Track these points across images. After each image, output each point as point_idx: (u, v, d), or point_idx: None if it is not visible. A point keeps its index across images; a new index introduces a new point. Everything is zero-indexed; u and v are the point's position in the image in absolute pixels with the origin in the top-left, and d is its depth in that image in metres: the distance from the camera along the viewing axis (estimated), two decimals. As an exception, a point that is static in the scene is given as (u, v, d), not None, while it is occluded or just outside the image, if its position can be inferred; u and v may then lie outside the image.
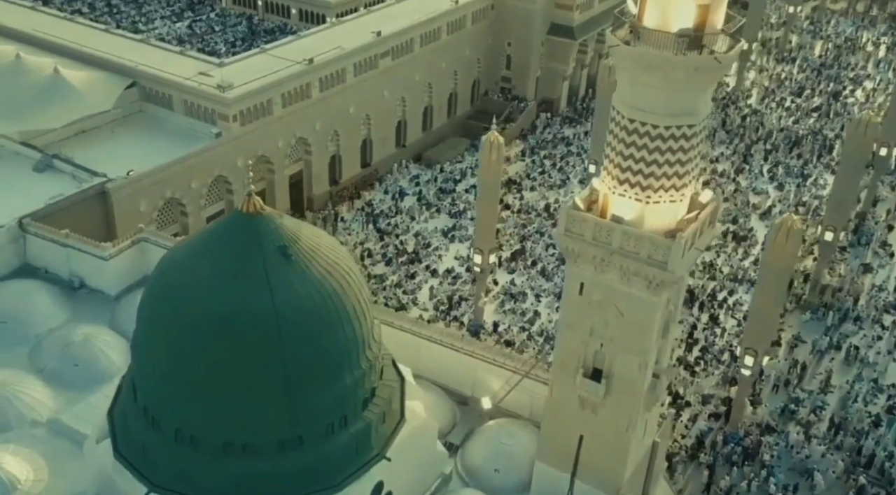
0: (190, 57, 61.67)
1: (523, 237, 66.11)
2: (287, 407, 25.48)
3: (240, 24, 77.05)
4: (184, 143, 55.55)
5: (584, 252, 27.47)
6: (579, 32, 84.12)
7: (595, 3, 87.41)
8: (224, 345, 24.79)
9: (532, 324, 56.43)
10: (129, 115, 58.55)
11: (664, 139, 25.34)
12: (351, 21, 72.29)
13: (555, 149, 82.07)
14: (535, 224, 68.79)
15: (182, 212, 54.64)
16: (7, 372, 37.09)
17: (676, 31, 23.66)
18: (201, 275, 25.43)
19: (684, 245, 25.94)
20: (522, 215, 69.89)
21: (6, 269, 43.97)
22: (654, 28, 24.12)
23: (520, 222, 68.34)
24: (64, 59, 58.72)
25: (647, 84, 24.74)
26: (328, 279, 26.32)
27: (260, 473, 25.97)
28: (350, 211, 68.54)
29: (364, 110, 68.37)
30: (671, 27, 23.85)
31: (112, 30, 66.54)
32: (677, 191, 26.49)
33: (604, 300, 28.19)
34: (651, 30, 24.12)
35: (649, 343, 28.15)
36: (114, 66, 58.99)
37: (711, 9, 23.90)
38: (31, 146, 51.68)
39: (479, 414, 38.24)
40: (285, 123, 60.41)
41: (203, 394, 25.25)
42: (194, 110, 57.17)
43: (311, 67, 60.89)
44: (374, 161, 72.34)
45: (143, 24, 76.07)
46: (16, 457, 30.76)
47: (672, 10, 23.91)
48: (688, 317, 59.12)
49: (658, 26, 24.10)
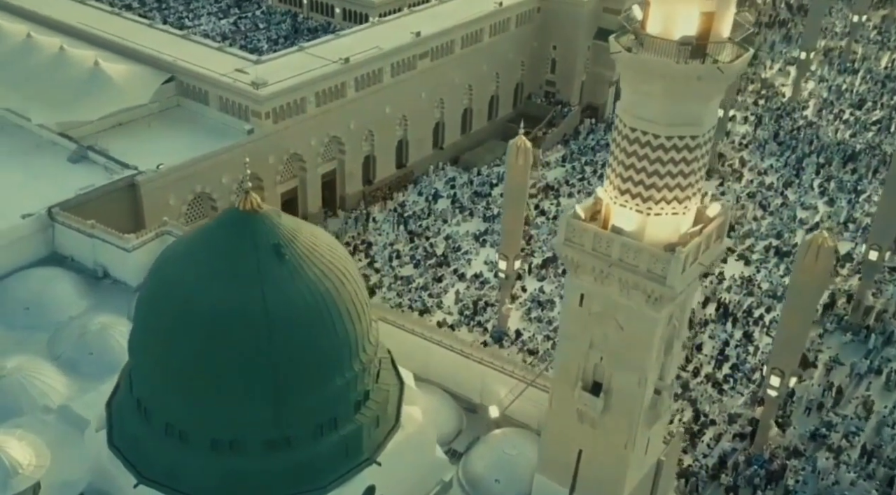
0: (228, 53, 62.93)
1: (556, 244, 65.51)
2: (274, 406, 25.78)
3: (284, 21, 78.35)
4: (217, 139, 56.69)
5: (584, 262, 27.11)
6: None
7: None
8: (213, 342, 25.22)
9: (557, 332, 55.85)
10: (166, 110, 60.04)
11: (665, 150, 24.86)
12: (392, 21, 72.80)
13: (596, 156, 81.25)
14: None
15: (212, 207, 55.70)
16: (25, 358, 38.26)
17: (678, 39, 23.20)
18: (194, 272, 25.94)
19: (684, 260, 25.36)
20: (558, 222, 69.25)
21: (34, 257, 45.45)
22: (657, 35, 23.69)
23: (554, 229, 67.79)
24: (106, 53, 60.52)
25: (649, 92, 24.31)
26: (323, 280, 26.55)
27: (246, 471, 26.34)
28: (382, 211, 68.96)
29: (401, 111, 68.72)
30: (674, 35, 23.39)
31: (155, 25, 68.35)
32: (679, 203, 25.94)
33: (604, 313, 27.77)
34: (653, 37, 23.70)
35: (649, 359, 27.60)
36: (153, 60, 60.57)
37: (717, 16, 23.35)
38: (68, 137, 53.37)
39: (487, 422, 38.03)
40: (319, 122, 61.13)
41: (192, 390, 25.73)
42: (229, 106, 58.29)
43: (346, 67, 61.50)
44: (410, 162, 72.64)
45: (190, 19, 77.94)
46: (20, 443, 31.61)
47: (675, 17, 23.44)
48: (720, 333, 57.96)
49: (661, 33, 23.67)
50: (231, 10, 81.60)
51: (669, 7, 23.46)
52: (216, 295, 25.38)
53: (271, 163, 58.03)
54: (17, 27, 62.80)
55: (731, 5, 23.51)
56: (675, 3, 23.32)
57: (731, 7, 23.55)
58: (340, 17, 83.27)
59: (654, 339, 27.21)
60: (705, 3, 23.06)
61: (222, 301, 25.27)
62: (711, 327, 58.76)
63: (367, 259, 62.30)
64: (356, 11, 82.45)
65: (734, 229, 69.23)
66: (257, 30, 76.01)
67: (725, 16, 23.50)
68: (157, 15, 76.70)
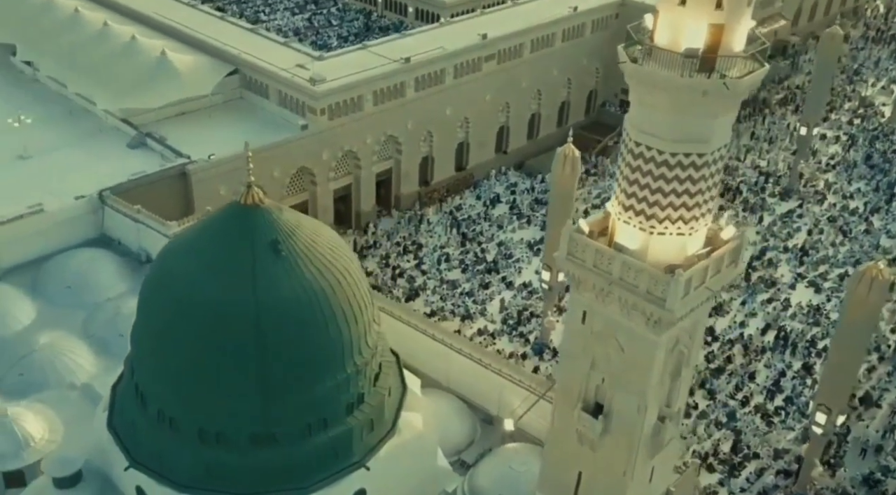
0: (292, 48, 64.48)
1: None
2: (261, 401, 26.25)
3: (357, 19, 79.68)
4: (273, 133, 58.21)
5: (586, 279, 26.53)
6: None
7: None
8: (204, 333, 25.90)
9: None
10: (229, 101, 62.04)
11: (670, 166, 24.06)
12: (460, 22, 73.02)
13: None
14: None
15: (262, 200, 57.02)
16: (60, 334, 40.30)
17: (683, 51, 22.43)
18: (192, 263, 26.72)
19: (684, 282, 24.47)
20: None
21: (83, 237, 47.75)
22: (664, 47, 22.96)
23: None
24: (175, 43, 63.00)
25: (654, 106, 23.60)
26: (319, 278, 26.86)
27: (231, 464, 26.89)
28: (437, 213, 69.25)
29: (462, 113, 68.83)
30: (681, 47, 22.63)
31: (227, 18, 70.61)
32: (685, 223, 25.04)
33: (605, 332, 27.09)
34: (660, 48, 22.98)
35: (648, 383, 26.74)
36: (219, 52, 62.67)
37: (727, 29, 22.43)
38: (130, 123, 55.76)
39: (502, 435, 37.76)
40: (376, 120, 61.87)
41: (182, 379, 26.50)
42: (287, 101, 59.73)
43: (406, 66, 62.04)
44: (470, 165, 72.66)
45: (266, 14, 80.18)
46: (36, 417, 33.45)
47: (682, 28, 22.66)
48: (778, 362, 55.73)
49: (668, 45, 22.93)
50: (308, 6, 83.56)
51: (676, 17, 22.70)
52: (210, 287, 26.04)
53: (325, 159, 59.11)
54: (96, 15, 66.10)
55: (744, 18, 22.54)
56: (681, 14, 22.56)
57: (744, 20, 22.57)
58: (413, 17, 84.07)
59: (653, 363, 26.35)
60: (713, 15, 22.20)
61: (215, 293, 25.92)
62: (768, 356, 56.56)
63: (416, 260, 62.69)
64: (428, 11, 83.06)
65: (808, 254, 66.44)
66: (330, 26, 77.62)
67: (737, 29, 22.55)
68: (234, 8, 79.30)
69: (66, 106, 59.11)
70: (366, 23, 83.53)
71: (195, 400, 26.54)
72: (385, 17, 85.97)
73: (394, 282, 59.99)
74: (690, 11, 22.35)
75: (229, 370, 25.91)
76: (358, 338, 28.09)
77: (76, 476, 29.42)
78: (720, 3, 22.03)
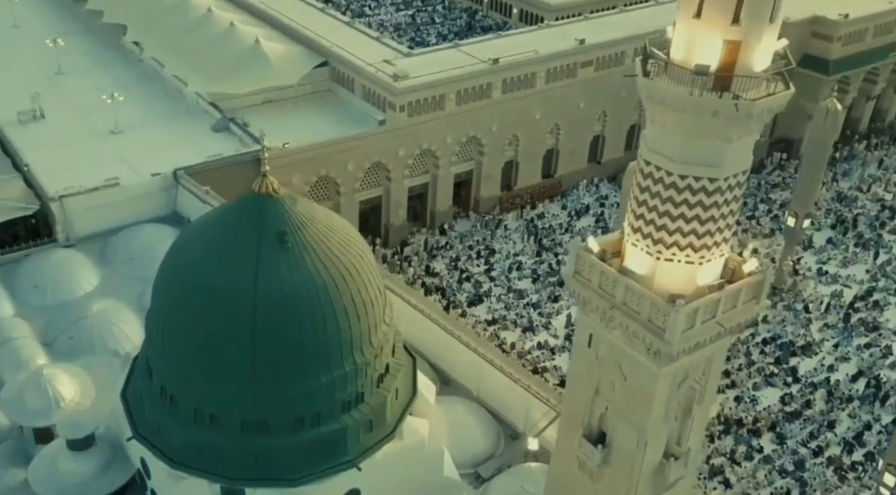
0: (383, 44, 65.61)
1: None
2: (251, 388, 26.95)
3: (460, 18, 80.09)
4: (353, 126, 59.51)
5: (591, 300, 25.75)
6: (836, 68, 76.58)
7: (868, 35, 78.98)
8: (203, 316, 26.93)
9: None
10: (316, 93, 63.91)
11: (678, 190, 22.96)
12: (561, 26, 72.18)
13: (778, 194, 75.76)
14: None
15: (336, 192, 58.53)
16: (114, 303, 42.66)
17: (693, 68, 21.35)
18: (201, 248, 27.85)
19: (685, 314, 23.30)
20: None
21: (156, 213, 50.35)
22: (678, 62, 21.95)
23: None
24: (272, 31, 65.50)
25: (665, 124, 22.59)
26: (323, 272, 27.29)
27: (222, 447, 27.78)
28: (517, 219, 68.70)
29: (553, 119, 67.99)
30: (694, 63, 21.56)
31: (327, 10, 72.57)
32: (695, 251, 23.85)
33: (610, 358, 26.20)
34: (673, 63, 22.00)
35: (648, 417, 25.63)
36: (311, 43, 64.58)
37: (745, 47, 21.15)
38: (217, 107, 58.33)
39: (524, 453, 37.15)
40: (458, 120, 62.04)
41: (181, 359, 27.64)
42: (370, 96, 60.86)
43: (494, 67, 61.91)
44: (559, 173, 71.70)
45: (371, 8, 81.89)
46: (71, 379, 35.52)
47: (695, 42, 21.57)
48: (864, 413, 52.16)
49: (682, 60, 21.88)
50: (414, 2, 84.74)
51: (691, 31, 21.65)
52: (214, 272, 26.97)
53: (401, 155, 59.84)
54: (203, 0, 69.41)
55: (766, 36, 21.18)
56: (696, 27, 21.48)
57: (765, 38, 21.22)
58: (517, 18, 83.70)
59: (654, 397, 25.25)
60: (729, 31, 21.00)
61: (218, 278, 26.80)
62: (855, 405, 53.03)
63: (486, 266, 62.47)
64: (533, 13, 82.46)
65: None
66: (432, 24, 78.41)
67: (757, 47, 21.22)
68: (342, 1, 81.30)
69: (163, 86, 62.51)
70: (469, 22, 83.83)
71: (192, 380, 27.56)
72: (489, 17, 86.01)
73: (459, 285, 60.03)
74: (705, 25, 21.28)
75: (224, 355, 26.75)
76: (360, 336, 28.33)
77: (88, 439, 31.20)
78: (737, 18, 20.87)
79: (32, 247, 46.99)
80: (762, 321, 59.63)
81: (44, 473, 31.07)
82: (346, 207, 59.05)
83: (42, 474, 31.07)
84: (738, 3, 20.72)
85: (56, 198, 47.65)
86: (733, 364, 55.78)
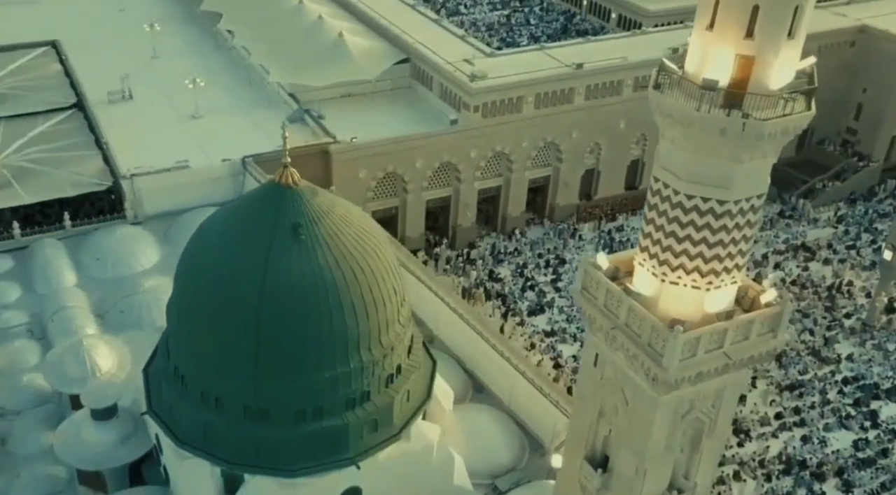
0: (467, 43, 65.75)
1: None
2: (253, 376, 27.67)
3: (557, 20, 79.28)
4: (428, 125, 59.93)
5: (596, 318, 25.15)
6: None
7: None
8: (213, 302, 27.91)
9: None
10: (397, 89, 64.74)
11: (685, 210, 22.11)
12: (657, 33, 70.33)
13: (883, 223, 71.51)
14: (805, 302, 61.34)
15: (403, 189, 59.13)
16: (167, 281, 44.29)
17: (701, 82, 20.50)
18: (218, 235, 28.85)
19: (684, 341, 22.41)
20: (794, 288, 62.58)
21: (223, 198, 51.80)
22: (690, 75, 21.16)
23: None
24: (359, 25, 66.83)
25: (673, 139, 21.84)
26: (333, 267, 27.70)
27: (225, 431, 28.67)
28: (594, 230, 67.51)
29: (640, 129, 66.43)
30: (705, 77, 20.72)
31: (418, 6, 73.30)
32: (701, 276, 22.90)
33: (614, 380, 25.54)
34: (685, 77, 21.21)
35: (647, 445, 24.80)
36: (395, 39, 65.41)
37: (759, 62, 20.13)
38: (295, 98, 60.02)
39: (548, 469, 36.56)
40: (535, 125, 61.50)
41: (193, 341, 28.81)
42: (447, 95, 61.15)
43: (577, 73, 61.08)
44: (643, 185, 69.91)
45: (466, 7, 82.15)
46: (111, 352, 37.46)
47: (708, 56, 20.72)
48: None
49: (693, 74, 21.09)
50: (511, 2, 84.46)
51: (704, 43, 20.82)
52: (226, 258, 27.84)
53: (473, 157, 59.83)
54: (298, -8, 71.59)
55: (783, 52, 20.06)
56: (708, 40, 20.64)
57: (784, 55, 20.10)
58: (615, 23, 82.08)
59: (653, 424, 24.42)
60: (742, 45, 20.05)
61: (229, 264, 27.65)
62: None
63: (553, 275, 61.69)
64: (631, 19, 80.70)
65: None
66: (526, 25, 77.93)
67: (772, 63, 20.15)
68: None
69: (248, 75, 64.78)
70: (565, 25, 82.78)
71: (201, 363, 28.55)
72: (587, 21, 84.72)
73: (522, 293, 59.53)
74: (717, 37, 20.48)
75: (230, 340, 27.58)
76: (368, 333, 28.56)
77: (111, 410, 32.85)
78: (751, 32, 19.92)
79: (102, 221, 49.63)
80: (846, 359, 56.59)
81: (67, 439, 32.89)
82: (413, 205, 59.59)
83: (66, 439, 32.90)
84: (752, 16, 19.80)
85: (127, 176, 50.22)
86: (806, 401, 53.17)
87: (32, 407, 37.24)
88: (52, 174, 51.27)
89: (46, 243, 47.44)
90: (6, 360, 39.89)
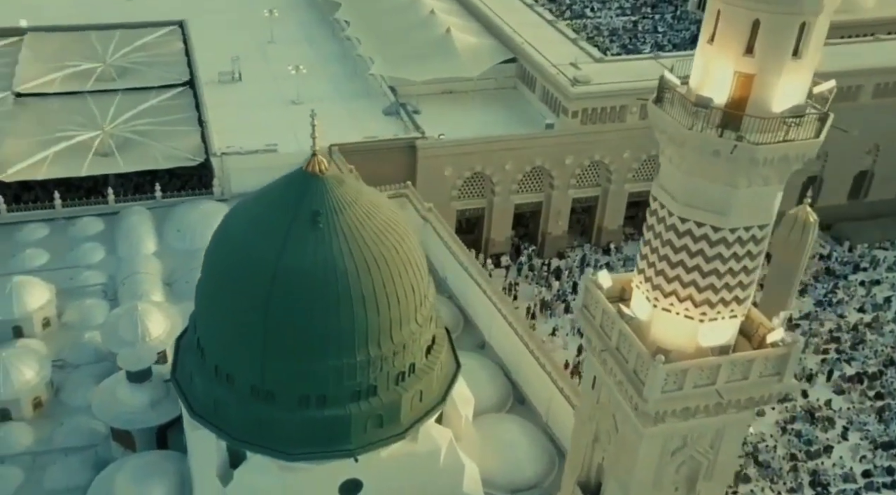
0: (578, 46, 64.81)
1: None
2: (260, 356, 28.67)
3: (687, 30, 76.54)
4: (524, 126, 59.73)
5: (592, 338, 24.62)
6: None
7: None
8: (230, 283, 29.05)
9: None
10: (501, 89, 64.84)
11: (678, 233, 21.25)
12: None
13: None
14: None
15: (491, 191, 59.16)
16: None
17: (694, 99, 19.65)
18: (241, 220, 30.05)
19: (667, 372, 21.55)
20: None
21: (305, 184, 54.03)
22: (690, 91, 20.36)
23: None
24: (471, 22, 67.26)
25: (670, 157, 21.04)
26: (347, 257, 28.25)
27: (233, 407, 29.85)
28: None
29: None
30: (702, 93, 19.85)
31: (535, 7, 72.93)
32: (695, 306, 21.92)
33: (608, 405, 24.91)
34: (683, 92, 20.42)
35: (632, 477, 24.05)
36: (505, 38, 65.47)
37: (759, 82, 19.05)
38: (394, 91, 61.32)
39: (573, 492, 35.88)
40: (638, 135, 59.39)
41: (210, 318, 30.16)
42: (547, 98, 60.73)
43: (686, 85, 58.86)
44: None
45: (593, 10, 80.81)
46: (164, 319, 39.79)
47: (707, 73, 19.85)
48: None
49: (694, 90, 20.29)
50: (643, 8, 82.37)
51: (704, 57, 19.99)
52: (246, 240, 28.91)
53: (568, 164, 59.04)
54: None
55: (788, 73, 18.89)
56: (708, 54, 19.80)
57: (788, 76, 18.93)
58: (750, 35, 78.14)
59: (637, 455, 23.63)
60: (741, 62, 19.07)
61: (247, 246, 28.76)
62: None
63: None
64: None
65: None
66: (653, 32, 75.74)
67: (775, 83, 19.04)
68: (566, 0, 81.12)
69: (354, 65, 66.70)
70: (695, 35, 79.33)
71: (216, 338, 29.92)
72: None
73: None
74: (716, 52, 19.70)
75: (242, 318, 28.67)
76: (378, 328, 28.93)
77: (145, 373, 35.00)
78: (751, 48, 18.94)
79: (190, 195, 52.63)
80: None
81: (104, 397, 35.26)
82: (500, 208, 59.54)
83: (103, 397, 35.28)
84: (752, 31, 18.82)
85: (218, 154, 52.95)
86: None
87: (89, 363, 40.12)
88: (150, 146, 54.85)
89: (135, 211, 50.82)
90: (77, 316, 43.21)
